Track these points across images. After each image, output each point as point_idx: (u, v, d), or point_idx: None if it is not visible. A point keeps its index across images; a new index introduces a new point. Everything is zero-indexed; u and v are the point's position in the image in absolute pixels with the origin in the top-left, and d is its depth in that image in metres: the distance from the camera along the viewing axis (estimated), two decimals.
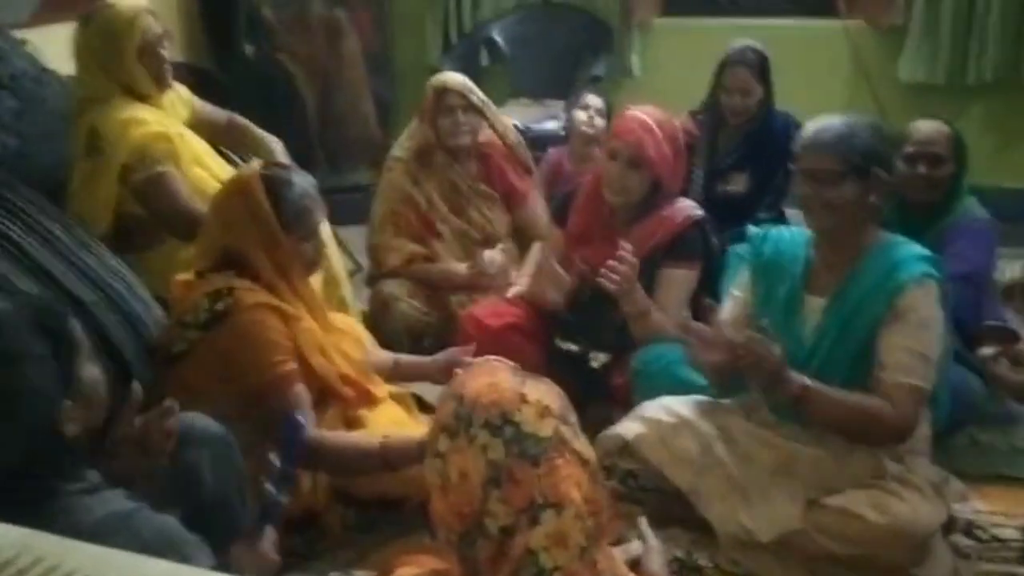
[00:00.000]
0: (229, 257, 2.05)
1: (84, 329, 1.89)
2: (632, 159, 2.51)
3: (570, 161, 3.49)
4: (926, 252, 2.02)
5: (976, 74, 4.11)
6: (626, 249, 2.37)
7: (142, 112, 2.52)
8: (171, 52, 2.65)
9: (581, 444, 1.21)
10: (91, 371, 1.46)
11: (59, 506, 1.36)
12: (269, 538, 1.68)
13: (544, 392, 1.21)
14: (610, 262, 2.36)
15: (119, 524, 1.35)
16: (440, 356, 2.37)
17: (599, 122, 3.42)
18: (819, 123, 2.05)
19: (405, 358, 2.46)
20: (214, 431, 1.75)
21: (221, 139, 2.88)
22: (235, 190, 2.07)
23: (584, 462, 1.19)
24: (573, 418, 1.24)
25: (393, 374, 2.36)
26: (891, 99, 4.29)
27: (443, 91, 3.04)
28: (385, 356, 2.44)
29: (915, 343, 1.92)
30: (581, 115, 3.45)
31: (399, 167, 3.12)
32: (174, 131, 2.56)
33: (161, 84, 2.60)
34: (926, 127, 2.68)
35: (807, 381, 1.93)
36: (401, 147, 3.16)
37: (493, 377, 1.22)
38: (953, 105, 4.06)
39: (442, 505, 1.19)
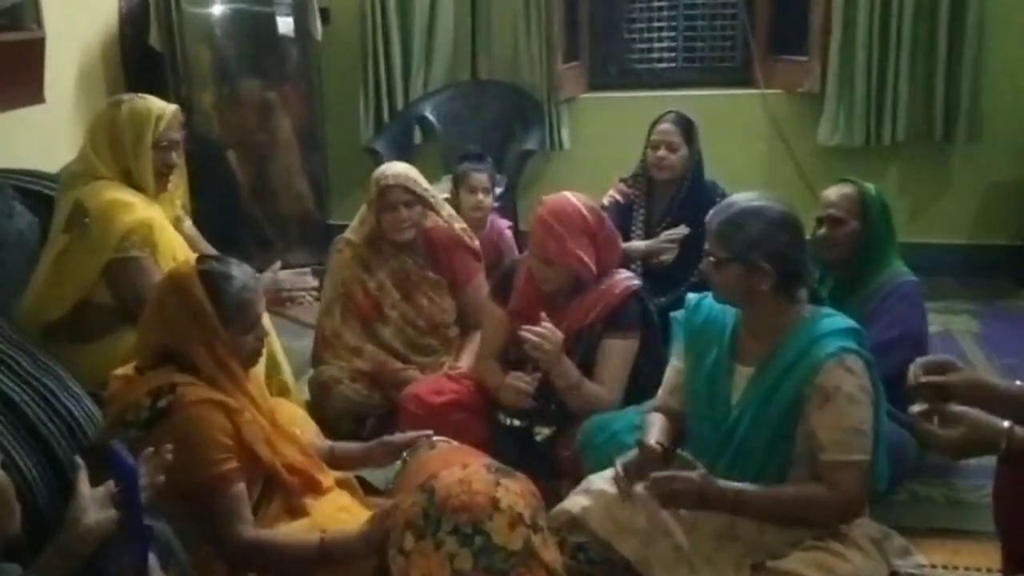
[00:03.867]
0: (169, 352, 2.02)
1: (13, 426, 1.86)
2: (543, 260, 2.59)
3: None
4: (848, 324, 2.07)
5: (891, 136, 4.31)
6: (545, 321, 2.44)
7: (131, 196, 2.60)
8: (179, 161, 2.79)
9: (550, 554, 1.19)
10: None
11: None
12: (154, 565, 1.63)
13: (517, 496, 1.19)
14: (531, 334, 2.42)
15: None
16: (375, 444, 2.34)
17: (487, 201, 3.50)
18: (725, 203, 2.10)
19: (341, 446, 2.42)
20: (157, 528, 1.71)
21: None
22: (172, 287, 2.04)
23: (551, 573, 1.18)
24: (543, 519, 1.22)
25: (330, 462, 2.34)
26: (811, 162, 4.48)
27: (385, 187, 3.04)
28: (321, 444, 2.42)
29: (847, 419, 1.97)
30: (469, 199, 3.49)
31: (349, 250, 3.13)
32: (157, 222, 2.62)
33: (160, 182, 2.70)
34: (830, 190, 2.78)
35: (739, 488, 1.97)
36: (352, 230, 3.17)
37: (466, 472, 1.19)
38: (870, 166, 4.24)
39: None
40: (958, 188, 4.47)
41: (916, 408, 1.69)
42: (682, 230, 3.29)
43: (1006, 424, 1.58)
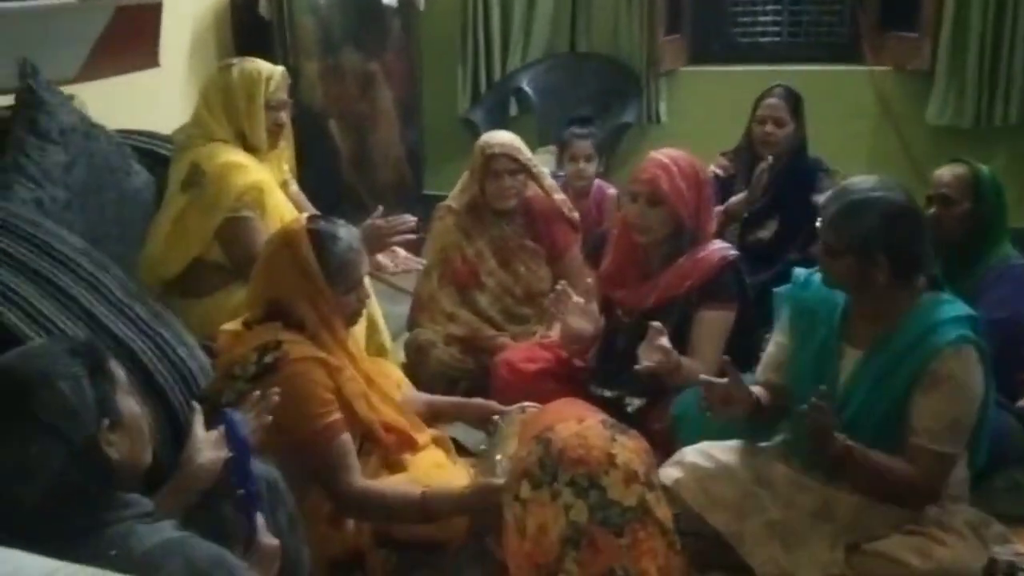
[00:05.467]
0: (276, 308, 2.09)
1: (131, 373, 1.94)
2: (650, 197, 2.54)
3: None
4: (966, 311, 2.01)
5: (1002, 117, 4.15)
6: (659, 340, 2.35)
7: (245, 159, 2.70)
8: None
9: (663, 511, 1.20)
10: (130, 404, 1.50)
11: (111, 533, 1.38)
12: (262, 525, 1.66)
13: (632, 452, 1.20)
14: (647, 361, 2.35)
15: (172, 551, 1.38)
16: (470, 401, 2.42)
17: (589, 170, 3.48)
18: (841, 189, 2.05)
19: (436, 399, 2.51)
20: (269, 475, 1.79)
21: None
22: (282, 243, 2.12)
23: (664, 531, 1.19)
24: (656, 477, 1.23)
25: (425, 415, 2.41)
26: (918, 142, 4.34)
27: (491, 155, 3.07)
28: (417, 397, 2.49)
29: (948, 409, 1.94)
30: (571, 168, 3.48)
31: (451, 217, 3.18)
32: (268, 184, 2.72)
33: (273, 141, 2.80)
34: (942, 170, 2.72)
35: (849, 441, 1.95)
36: (454, 197, 3.21)
37: (582, 426, 1.21)
38: (979, 148, 4.08)
39: (517, 548, 1.21)
40: None
41: None
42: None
43: None
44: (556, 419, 1.24)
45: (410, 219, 2.73)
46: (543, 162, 3.65)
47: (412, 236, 2.76)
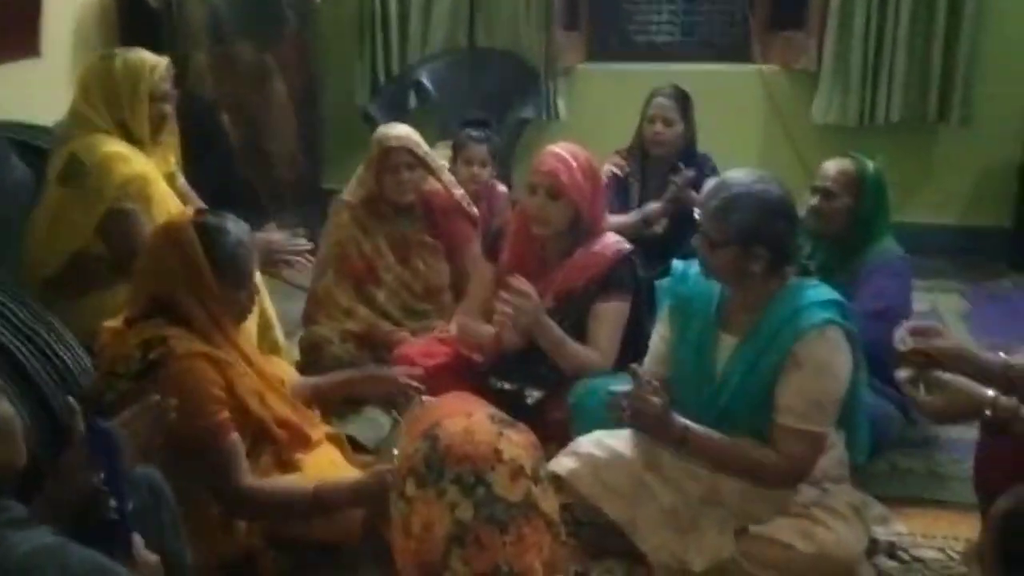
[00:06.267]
0: (160, 304, 2.02)
1: (5, 374, 1.86)
2: (550, 190, 2.57)
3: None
4: (831, 295, 2.09)
5: (884, 115, 4.32)
6: (520, 281, 2.45)
7: (127, 150, 2.61)
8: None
9: (549, 504, 1.21)
10: (2, 406, 1.44)
11: None
12: (139, 544, 1.62)
13: (519, 447, 1.20)
14: (503, 296, 2.44)
15: (47, 557, 1.33)
16: (359, 372, 2.46)
17: (483, 175, 3.42)
18: (720, 183, 2.09)
19: (324, 380, 2.50)
20: (150, 477, 1.73)
21: None
22: (168, 237, 2.05)
23: (550, 524, 1.19)
24: (543, 470, 1.24)
25: (315, 396, 2.40)
26: (805, 140, 4.48)
27: (388, 149, 3.04)
28: (304, 382, 2.47)
29: (811, 389, 1.99)
30: (464, 171, 3.41)
31: (347, 211, 3.13)
32: (152, 175, 2.64)
33: (156, 133, 2.72)
34: (829, 163, 2.83)
35: (688, 425, 2.02)
36: (351, 192, 3.17)
37: (469, 421, 1.20)
38: (863, 145, 4.16)
39: (403, 547, 1.20)
40: (949, 170, 4.49)
41: (903, 374, 1.72)
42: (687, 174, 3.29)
43: (991, 393, 1.61)
44: (443, 415, 1.23)
45: (305, 243, 2.74)
46: (444, 156, 3.63)
47: (307, 261, 2.76)
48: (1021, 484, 1.17)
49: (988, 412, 1.60)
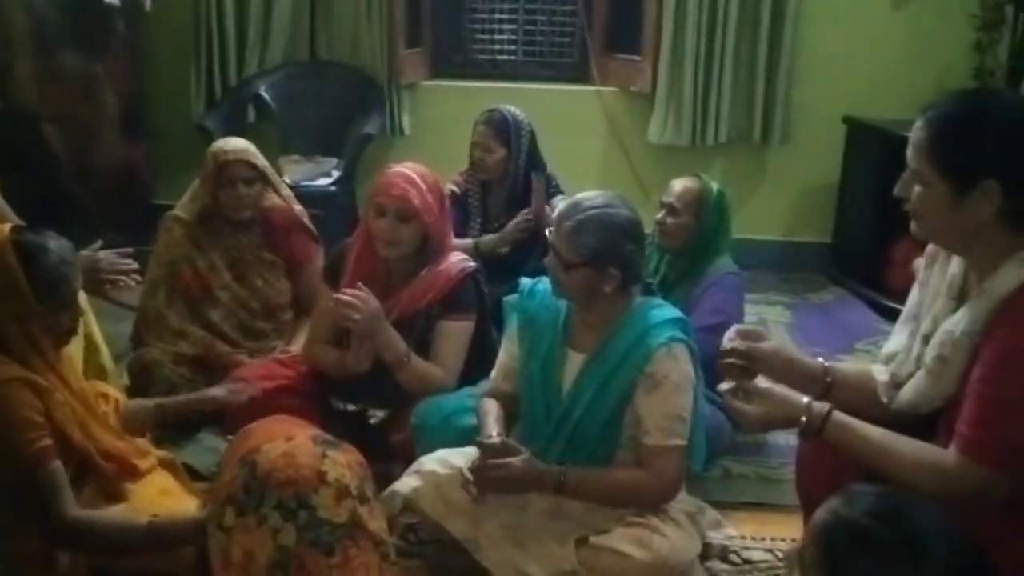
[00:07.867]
0: None
1: None
2: (400, 213, 2.54)
3: None
4: (675, 314, 2.17)
5: (714, 136, 4.53)
6: (360, 287, 2.44)
7: None
8: None
9: (376, 523, 1.18)
10: None
11: None
12: None
13: (344, 467, 1.17)
14: (344, 299, 2.42)
15: None
16: (195, 396, 2.44)
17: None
18: (573, 205, 2.11)
19: (169, 400, 2.45)
20: None
21: None
22: None
23: (378, 543, 1.17)
24: (370, 489, 1.21)
25: (158, 418, 2.34)
26: (642, 160, 4.66)
27: (224, 163, 2.95)
28: (144, 404, 2.38)
29: (672, 404, 2.08)
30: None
31: (179, 228, 3.01)
32: None
33: None
34: (676, 181, 2.96)
35: (561, 471, 2.06)
36: (182, 207, 3.04)
37: (289, 445, 1.17)
38: (696, 165, 4.41)
39: None
40: (774, 188, 4.76)
41: (724, 386, 1.80)
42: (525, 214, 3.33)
43: (805, 400, 1.70)
44: (263, 439, 1.19)
45: (132, 263, 2.62)
46: (290, 172, 3.55)
47: (134, 281, 2.64)
48: (838, 493, 1.24)
49: (803, 419, 1.69)
